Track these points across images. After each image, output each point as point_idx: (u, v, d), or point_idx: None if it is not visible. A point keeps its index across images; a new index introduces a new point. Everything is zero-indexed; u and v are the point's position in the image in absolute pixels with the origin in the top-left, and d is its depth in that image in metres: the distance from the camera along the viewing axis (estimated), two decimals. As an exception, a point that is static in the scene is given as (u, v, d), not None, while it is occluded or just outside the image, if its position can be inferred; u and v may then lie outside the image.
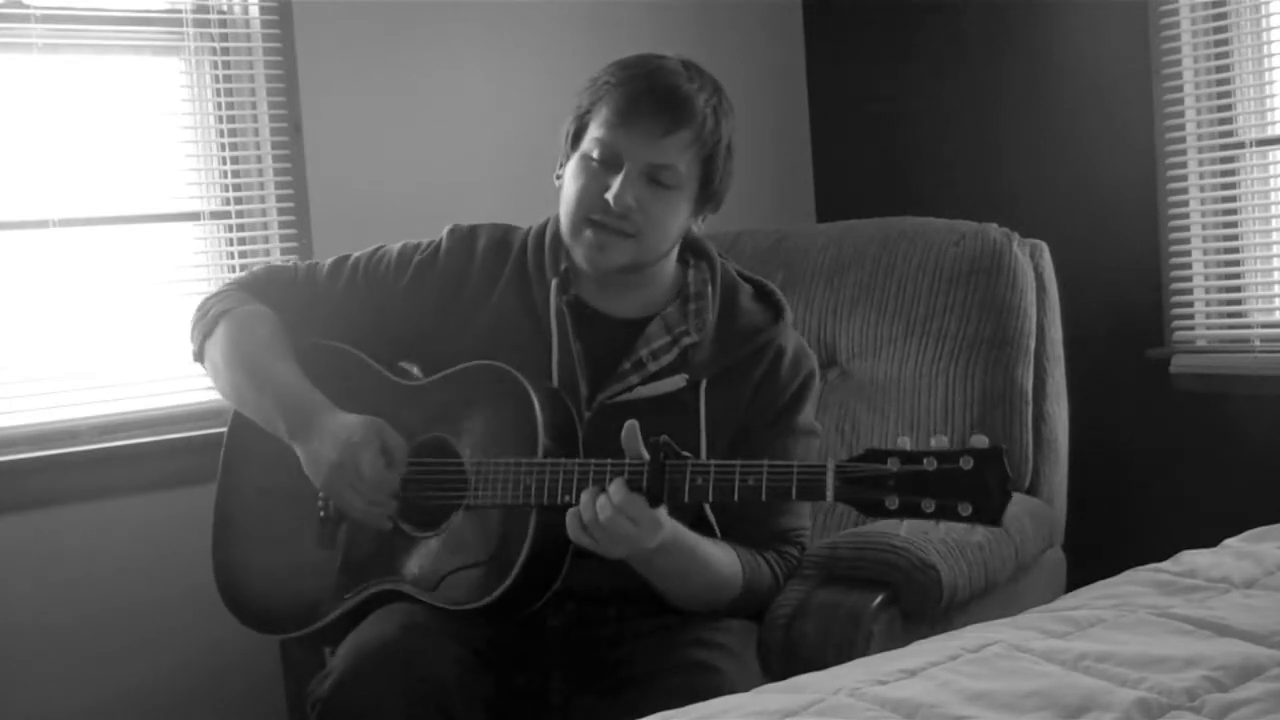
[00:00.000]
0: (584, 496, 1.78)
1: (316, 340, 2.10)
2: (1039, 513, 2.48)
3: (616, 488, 1.76)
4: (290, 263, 2.25)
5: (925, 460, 1.64)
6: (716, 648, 1.90)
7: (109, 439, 2.82)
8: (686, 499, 1.78)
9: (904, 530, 1.69)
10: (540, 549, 1.86)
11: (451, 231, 2.11)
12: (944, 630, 1.81)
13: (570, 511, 1.79)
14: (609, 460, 1.79)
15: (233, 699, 2.86)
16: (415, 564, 1.95)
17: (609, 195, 1.91)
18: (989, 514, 1.63)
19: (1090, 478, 2.82)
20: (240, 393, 2.07)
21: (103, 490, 2.79)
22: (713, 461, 1.78)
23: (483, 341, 2.00)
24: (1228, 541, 2.03)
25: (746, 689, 1.61)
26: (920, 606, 2.06)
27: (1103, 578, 1.91)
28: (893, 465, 1.65)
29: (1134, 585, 1.86)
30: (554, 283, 2.00)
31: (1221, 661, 1.52)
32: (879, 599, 2.03)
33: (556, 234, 2.03)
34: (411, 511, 1.96)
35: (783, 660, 1.98)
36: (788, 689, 1.55)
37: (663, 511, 1.79)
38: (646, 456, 1.77)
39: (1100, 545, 2.75)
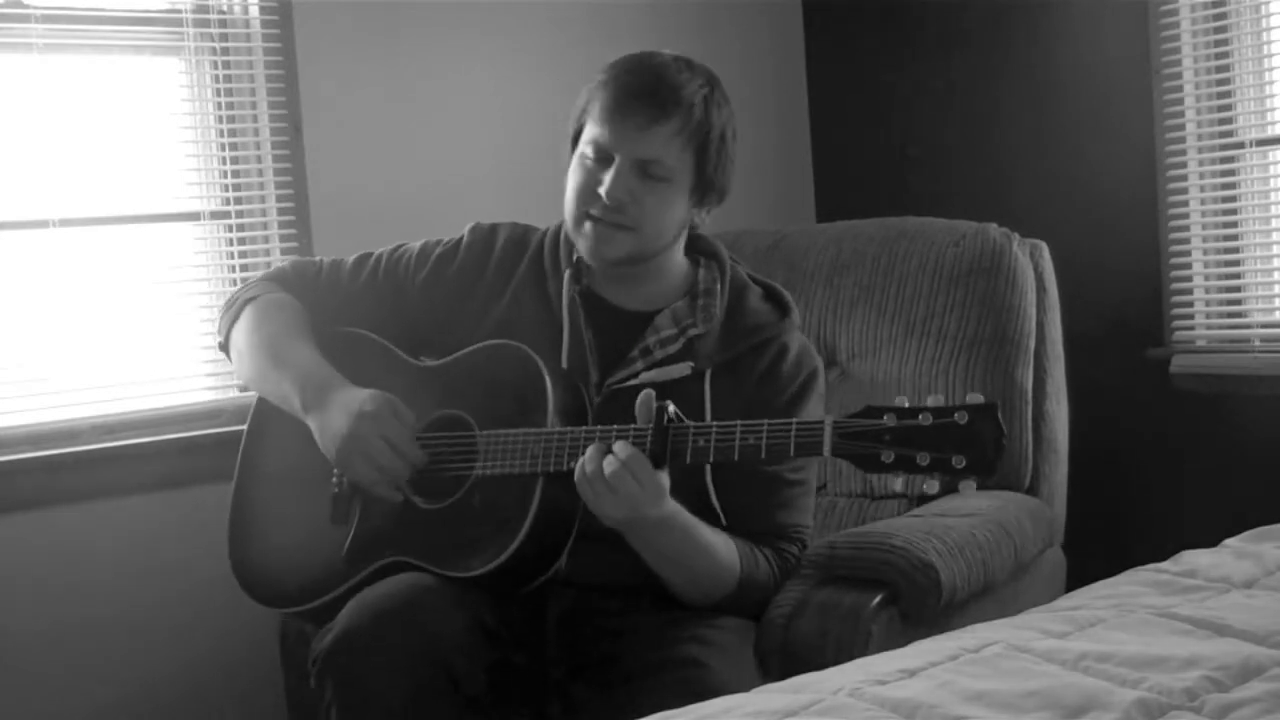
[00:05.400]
0: (590, 450, 1.82)
1: (339, 329, 2.16)
2: (1039, 513, 2.48)
3: (622, 445, 1.80)
4: (314, 257, 2.31)
5: (920, 415, 1.67)
6: (711, 645, 1.91)
7: (109, 439, 2.82)
8: (689, 460, 1.81)
9: (898, 486, 1.71)
10: (545, 517, 1.89)
11: (473, 229, 2.19)
12: (943, 630, 1.81)
13: (578, 462, 1.82)
14: (614, 426, 1.84)
15: (233, 698, 2.86)
16: (424, 535, 1.98)
17: (601, 190, 1.97)
18: (982, 466, 1.66)
19: (1090, 478, 2.82)
20: (261, 373, 2.12)
21: (103, 490, 2.79)
22: (714, 424, 1.83)
23: (497, 331, 2.05)
24: (1228, 541, 2.03)
25: (739, 686, 1.61)
26: (919, 606, 2.06)
27: (1103, 578, 1.92)
28: (889, 420, 1.69)
29: (1134, 585, 1.86)
30: (567, 273, 2.06)
31: (1221, 661, 1.52)
32: (878, 599, 2.03)
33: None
34: (423, 484, 2.00)
35: (782, 660, 1.98)
36: (787, 689, 1.55)
37: (665, 481, 1.82)
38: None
39: (1100, 545, 2.76)
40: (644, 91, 1.97)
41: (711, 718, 1.46)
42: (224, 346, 2.23)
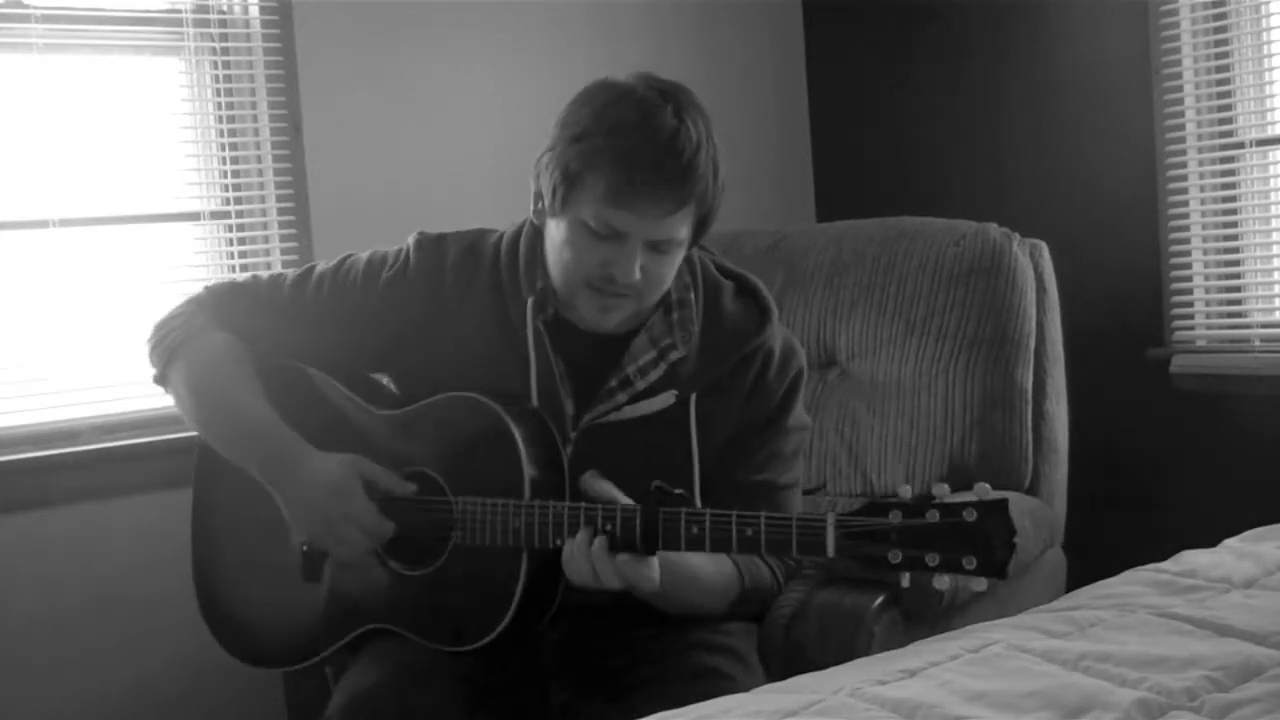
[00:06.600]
0: (579, 537, 1.75)
1: (281, 361, 2.02)
2: (1039, 513, 2.48)
3: (614, 554, 1.73)
4: (250, 276, 2.14)
5: (928, 513, 1.60)
6: (722, 651, 1.89)
7: (109, 439, 2.82)
8: (683, 548, 1.75)
9: (905, 583, 1.66)
10: (533, 588, 1.84)
11: (419, 243, 2.01)
12: (944, 631, 1.81)
13: (566, 550, 1.76)
14: (599, 505, 1.76)
15: (232, 698, 2.86)
16: (405, 603, 1.91)
17: (615, 272, 1.83)
18: (994, 567, 1.59)
19: (1090, 478, 2.82)
20: (209, 430, 2.00)
21: (103, 490, 2.79)
22: (708, 511, 1.73)
23: (458, 355, 1.94)
24: (1228, 541, 2.04)
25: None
26: (921, 607, 2.06)
27: (1103, 578, 1.92)
28: (894, 518, 1.61)
29: (1134, 585, 1.86)
30: (530, 301, 1.91)
31: (1221, 661, 1.52)
32: (879, 600, 2.03)
33: (531, 249, 1.96)
34: (398, 548, 1.91)
35: (783, 661, 1.98)
36: (787, 689, 1.55)
37: (656, 564, 1.76)
38: (630, 502, 1.74)
39: (1100, 545, 2.76)
40: (661, 170, 1.79)
41: (711, 718, 1.46)
42: (160, 381, 2.04)
